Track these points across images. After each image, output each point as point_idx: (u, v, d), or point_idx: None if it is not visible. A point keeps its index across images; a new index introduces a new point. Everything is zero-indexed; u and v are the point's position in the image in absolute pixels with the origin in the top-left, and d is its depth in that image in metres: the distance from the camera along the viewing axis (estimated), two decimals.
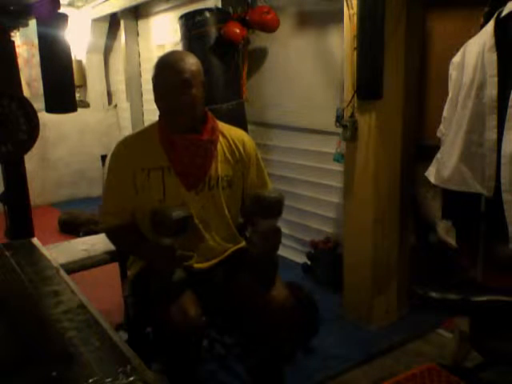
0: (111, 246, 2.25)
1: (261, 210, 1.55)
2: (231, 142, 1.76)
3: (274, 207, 1.54)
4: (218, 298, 1.70)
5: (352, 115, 2.49)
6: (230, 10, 3.22)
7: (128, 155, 1.69)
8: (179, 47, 3.37)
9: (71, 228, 4.29)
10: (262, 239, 1.56)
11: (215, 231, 1.75)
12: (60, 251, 2.34)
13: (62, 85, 2.35)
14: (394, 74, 2.39)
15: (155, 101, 1.68)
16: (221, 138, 1.74)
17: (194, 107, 1.63)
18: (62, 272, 1.52)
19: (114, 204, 1.72)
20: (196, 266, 1.71)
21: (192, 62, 1.63)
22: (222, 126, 1.78)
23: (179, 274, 1.53)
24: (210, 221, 1.73)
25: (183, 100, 1.60)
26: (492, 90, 1.78)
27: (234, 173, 1.75)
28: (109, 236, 1.80)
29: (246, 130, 3.14)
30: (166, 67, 1.63)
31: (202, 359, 2.04)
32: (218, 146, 1.73)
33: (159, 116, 1.73)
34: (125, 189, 1.68)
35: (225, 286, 1.73)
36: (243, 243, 1.86)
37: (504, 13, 1.79)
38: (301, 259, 3.36)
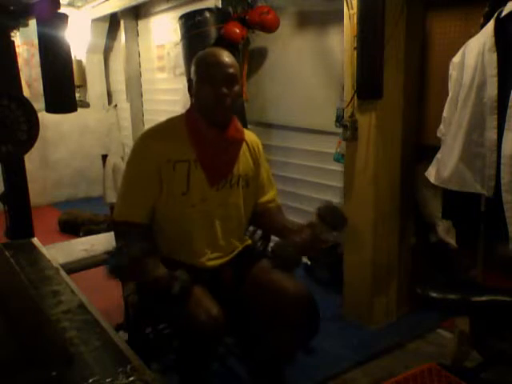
0: (111, 246, 2.25)
1: (334, 222, 1.62)
2: (249, 143, 1.82)
3: (345, 223, 1.65)
4: (228, 295, 1.70)
5: (352, 115, 2.49)
6: (230, 10, 3.22)
7: (153, 147, 1.66)
8: (179, 47, 3.37)
9: (71, 228, 4.30)
10: (316, 243, 1.62)
11: (228, 229, 1.76)
12: (60, 251, 2.35)
13: (62, 85, 2.35)
14: (394, 74, 2.40)
15: (196, 93, 1.67)
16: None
17: (235, 102, 1.67)
18: (62, 272, 1.52)
19: (135, 198, 1.67)
20: (208, 264, 1.71)
21: (234, 60, 1.67)
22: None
23: (183, 278, 1.52)
24: (225, 219, 1.74)
25: (229, 94, 1.62)
26: (492, 90, 1.79)
27: (252, 173, 1.80)
28: (118, 231, 1.72)
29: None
30: (214, 61, 1.64)
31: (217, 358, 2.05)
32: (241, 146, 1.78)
33: (191, 110, 1.72)
34: (148, 182, 1.65)
35: (235, 283, 1.73)
36: (249, 241, 1.89)
37: (504, 13, 1.80)
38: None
